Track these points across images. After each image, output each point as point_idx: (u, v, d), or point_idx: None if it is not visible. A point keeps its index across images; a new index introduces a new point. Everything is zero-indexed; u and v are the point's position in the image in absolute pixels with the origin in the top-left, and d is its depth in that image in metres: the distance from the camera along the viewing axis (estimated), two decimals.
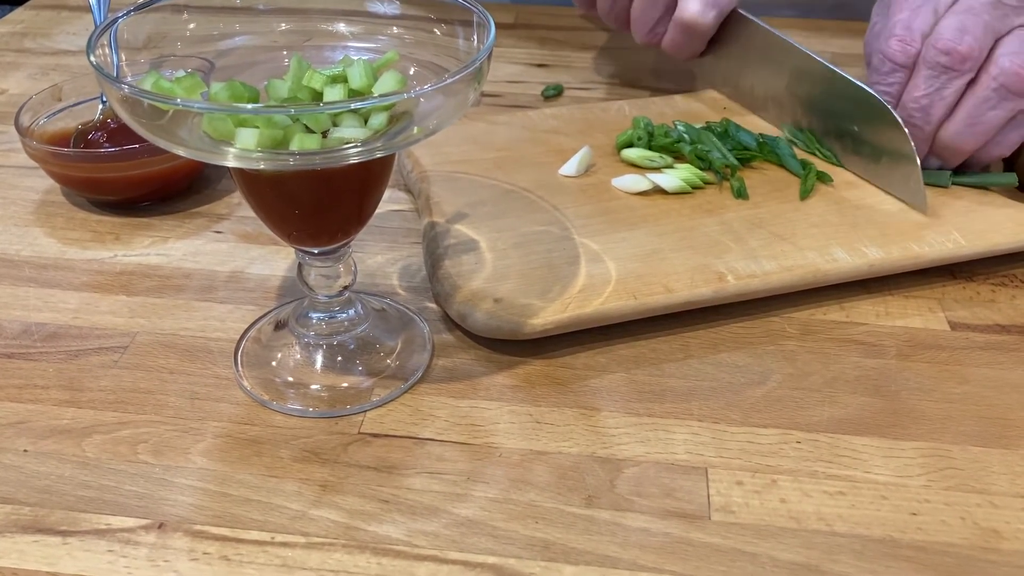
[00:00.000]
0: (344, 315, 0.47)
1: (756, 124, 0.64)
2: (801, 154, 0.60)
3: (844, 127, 0.59)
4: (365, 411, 0.44)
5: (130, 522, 0.39)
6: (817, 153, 0.60)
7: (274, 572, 0.37)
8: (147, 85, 0.39)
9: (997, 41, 0.53)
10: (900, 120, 0.54)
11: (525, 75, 0.78)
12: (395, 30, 0.45)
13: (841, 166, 0.59)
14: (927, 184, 0.55)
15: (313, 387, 0.45)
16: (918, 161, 0.54)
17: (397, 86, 0.40)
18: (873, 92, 0.56)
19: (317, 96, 0.41)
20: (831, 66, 0.59)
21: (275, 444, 0.42)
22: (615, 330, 0.49)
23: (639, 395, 0.45)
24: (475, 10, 0.41)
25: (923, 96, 0.54)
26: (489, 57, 0.39)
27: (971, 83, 0.54)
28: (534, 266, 0.50)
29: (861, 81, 0.57)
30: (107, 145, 0.59)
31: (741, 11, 0.66)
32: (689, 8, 0.64)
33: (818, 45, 0.81)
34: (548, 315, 0.47)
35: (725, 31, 0.67)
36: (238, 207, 0.60)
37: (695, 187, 0.57)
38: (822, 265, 0.50)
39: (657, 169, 0.58)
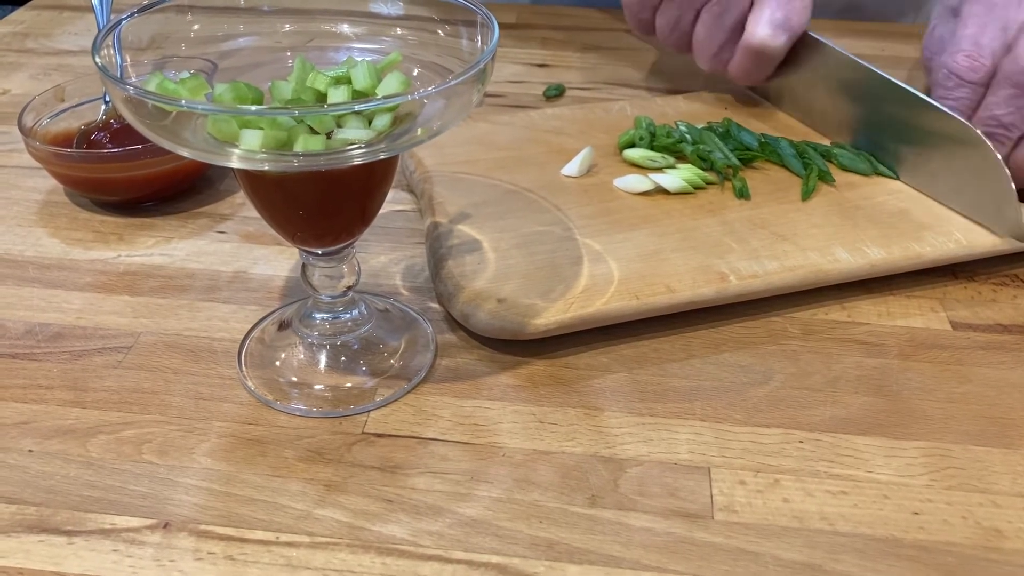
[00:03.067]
0: (348, 315, 0.47)
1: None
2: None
3: (927, 153, 0.56)
4: (369, 411, 0.44)
5: (135, 522, 0.39)
6: (876, 166, 0.59)
7: (279, 572, 0.37)
8: (151, 86, 0.40)
9: None
10: (998, 157, 0.51)
11: (527, 75, 0.78)
12: (399, 31, 0.45)
13: (897, 178, 0.58)
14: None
15: (317, 387, 0.46)
16: (1015, 193, 0.51)
17: (401, 87, 0.40)
18: (964, 122, 0.53)
19: (321, 97, 0.41)
20: (912, 90, 0.56)
21: (279, 444, 0.42)
22: (617, 330, 0.49)
23: (642, 395, 0.45)
24: (478, 11, 0.42)
25: (1006, 115, 0.54)
26: (493, 58, 0.39)
27: None
28: (537, 266, 0.50)
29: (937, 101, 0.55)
30: (110, 145, 0.59)
31: (811, 32, 0.63)
32: (759, 33, 0.61)
33: None
34: (551, 315, 0.47)
35: (793, 52, 0.64)
36: (241, 207, 0.60)
37: (697, 187, 0.57)
38: (824, 265, 0.51)
39: (659, 169, 0.58)
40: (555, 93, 0.75)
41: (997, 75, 0.55)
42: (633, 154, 0.60)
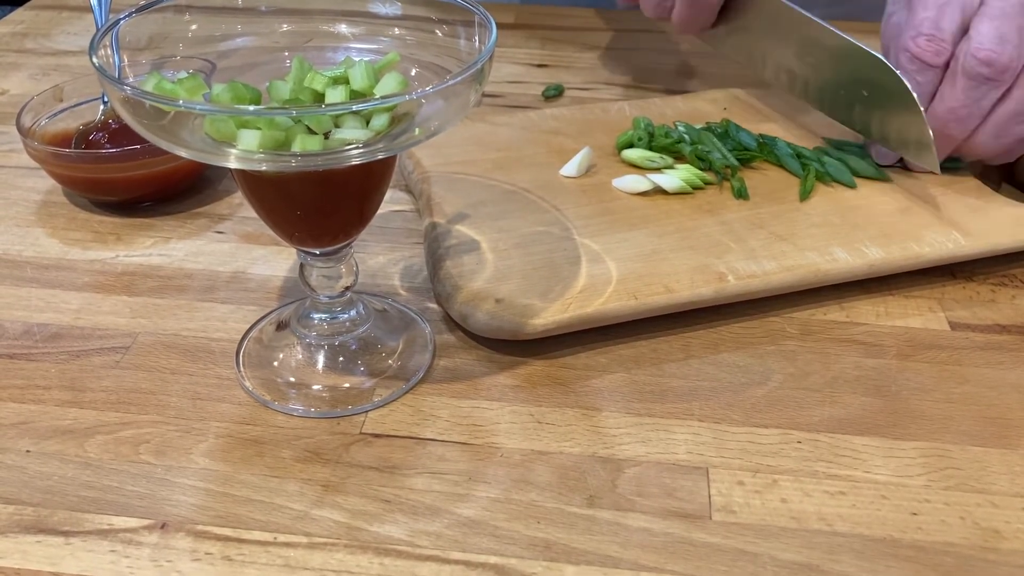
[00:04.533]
0: (346, 316, 0.47)
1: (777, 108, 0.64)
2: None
3: (853, 93, 0.59)
4: (367, 411, 0.44)
5: (133, 522, 0.39)
6: (863, 172, 0.59)
7: (276, 572, 0.37)
8: (149, 86, 0.40)
9: None
10: (905, 81, 0.54)
11: (526, 75, 0.78)
12: (396, 31, 0.45)
13: (887, 180, 0.58)
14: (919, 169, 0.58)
15: (315, 387, 0.46)
16: (928, 124, 0.54)
17: (399, 87, 0.40)
18: (879, 55, 0.55)
19: (319, 97, 0.41)
20: (840, 33, 0.58)
21: (277, 444, 0.42)
22: (616, 330, 0.49)
23: (640, 395, 0.45)
24: (476, 11, 0.42)
25: (962, 107, 0.53)
26: (491, 58, 0.39)
27: (1004, 94, 0.53)
28: (535, 266, 0.50)
29: (868, 46, 0.57)
30: (108, 146, 0.59)
31: None
32: None
33: None
34: (549, 315, 0.47)
35: (734, 2, 0.66)
36: (239, 207, 0.60)
37: (695, 187, 0.57)
38: (822, 265, 0.51)
39: (658, 169, 0.58)
40: (554, 93, 0.75)
41: (953, 64, 0.54)
42: (632, 154, 0.60)
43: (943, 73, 0.55)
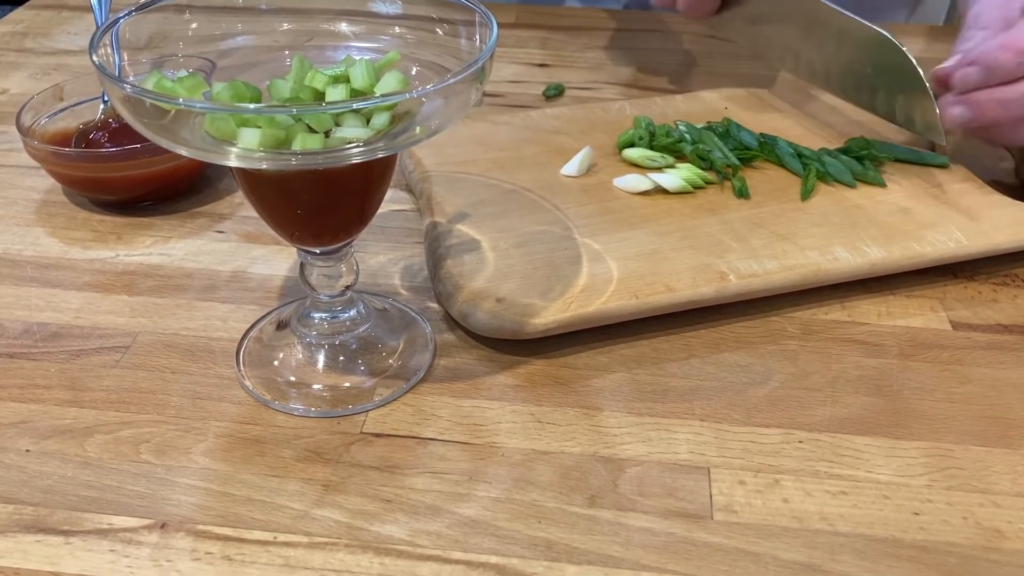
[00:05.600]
0: (346, 315, 0.47)
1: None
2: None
3: (860, 70, 0.60)
4: (367, 411, 0.44)
5: (132, 522, 0.39)
6: (862, 175, 0.59)
7: (277, 572, 0.37)
8: (149, 85, 0.39)
9: None
10: (912, 58, 0.55)
11: (526, 75, 0.78)
12: (397, 30, 0.45)
13: (882, 185, 0.58)
14: (905, 160, 0.59)
15: (315, 387, 0.45)
16: (932, 96, 0.55)
17: (399, 86, 0.40)
18: (887, 34, 0.57)
19: (319, 96, 0.41)
20: (848, 14, 0.59)
21: (277, 444, 0.42)
22: (617, 330, 0.49)
23: (641, 395, 0.45)
24: (477, 10, 0.41)
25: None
26: (491, 57, 0.39)
27: None
28: (536, 266, 0.50)
29: (872, 23, 0.58)
30: (108, 145, 0.59)
31: None
32: None
33: None
34: (550, 315, 0.47)
35: None
36: (240, 207, 0.60)
37: (696, 187, 0.57)
38: (824, 264, 0.50)
39: (658, 169, 0.58)
40: (554, 93, 0.74)
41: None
42: (632, 154, 0.60)
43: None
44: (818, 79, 0.64)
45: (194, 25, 0.44)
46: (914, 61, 0.56)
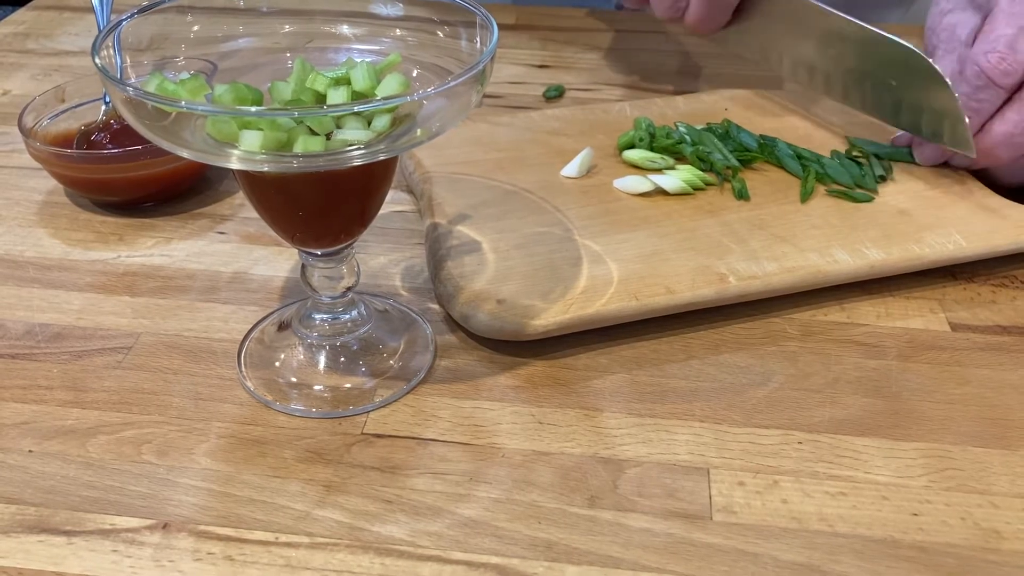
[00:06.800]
0: (347, 316, 0.47)
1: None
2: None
3: (882, 83, 0.59)
4: (368, 412, 0.44)
5: (134, 522, 0.39)
6: (860, 179, 0.58)
7: (278, 572, 0.37)
8: (151, 87, 0.40)
9: None
10: (940, 70, 0.54)
11: (527, 76, 0.78)
12: (398, 32, 0.45)
13: (877, 191, 0.58)
14: (888, 158, 0.60)
15: (316, 388, 0.46)
16: (964, 113, 0.54)
17: (400, 88, 0.40)
18: (908, 44, 0.55)
19: (320, 98, 0.41)
20: (863, 24, 0.58)
21: (279, 444, 0.43)
22: (617, 331, 0.49)
23: (641, 396, 0.45)
24: (478, 12, 0.42)
25: (1021, 134, 0.53)
26: (492, 59, 0.39)
27: None
28: (536, 267, 0.50)
29: (895, 36, 0.57)
30: (110, 146, 0.59)
31: None
32: None
33: None
34: (550, 316, 0.47)
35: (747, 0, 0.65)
36: (241, 208, 0.60)
37: (696, 188, 0.57)
38: (823, 266, 0.51)
39: (658, 170, 0.58)
40: (555, 94, 0.75)
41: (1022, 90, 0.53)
42: (633, 155, 0.60)
43: (1007, 95, 0.54)
44: (835, 92, 0.62)
45: (196, 27, 0.45)
46: (943, 74, 0.53)
